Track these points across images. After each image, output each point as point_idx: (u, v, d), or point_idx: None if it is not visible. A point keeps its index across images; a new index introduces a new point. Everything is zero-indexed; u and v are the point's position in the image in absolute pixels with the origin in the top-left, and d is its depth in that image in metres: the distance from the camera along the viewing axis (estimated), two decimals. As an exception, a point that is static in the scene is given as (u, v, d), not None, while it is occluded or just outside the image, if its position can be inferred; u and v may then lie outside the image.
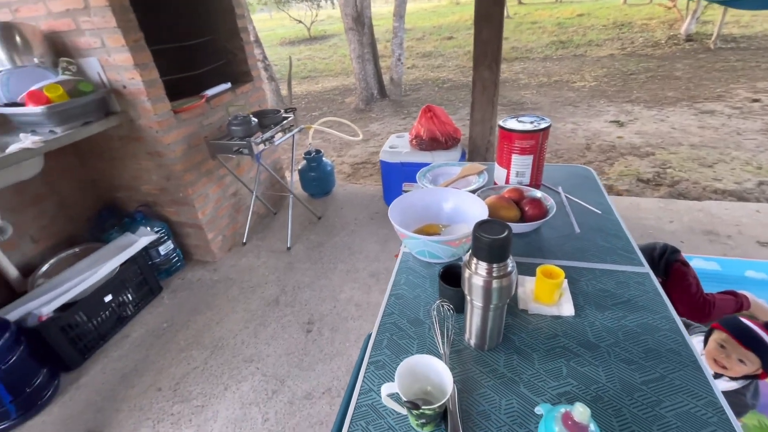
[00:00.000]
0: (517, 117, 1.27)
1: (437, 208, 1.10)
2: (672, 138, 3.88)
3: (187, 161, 2.05)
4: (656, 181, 3.13)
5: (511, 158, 1.24)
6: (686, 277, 1.51)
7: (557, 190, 1.30)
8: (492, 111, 2.37)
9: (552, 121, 4.80)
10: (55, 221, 2.09)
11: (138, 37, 1.73)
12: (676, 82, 5.75)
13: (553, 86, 6.26)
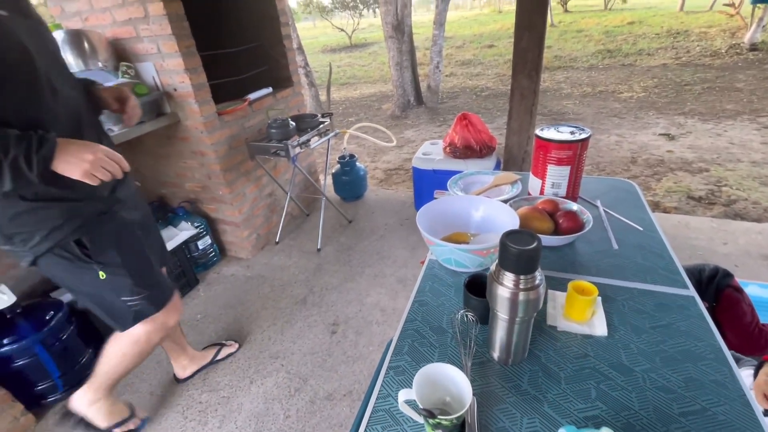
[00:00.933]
0: (556, 126, 1.23)
1: (467, 216, 1.08)
2: (730, 154, 3.60)
3: (228, 161, 2.15)
4: (709, 200, 2.92)
5: (547, 168, 1.20)
6: (739, 305, 1.38)
7: (595, 204, 1.24)
8: (530, 120, 2.31)
9: (595, 132, 4.62)
10: (107, 213, 2.24)
11: (190, 43, 1.84)
12: (736, 94, 5.34)
13: (598, 96, 6.01)
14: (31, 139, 0.77)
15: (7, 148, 0.74)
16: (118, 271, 1.03)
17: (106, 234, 1.01)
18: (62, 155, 0.80)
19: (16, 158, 0.75)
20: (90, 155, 0.82)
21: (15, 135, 0.76)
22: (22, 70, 0.80)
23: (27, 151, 0.76)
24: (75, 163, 0.81)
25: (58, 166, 0.81)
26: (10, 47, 0.77)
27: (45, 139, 0.79)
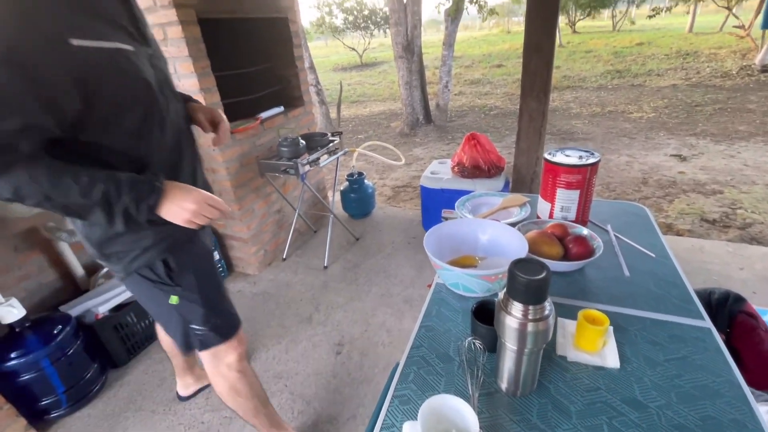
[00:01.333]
0: (564, 150, 1.23)
1: (475, 239, 1.07)
2: (744, 176, 3.54)
3: (238, 178, 2.18)
4: (724, 222, 2.86)
5: (556, 192, 1.20)
6: (755, 331, 1.32)
7: (606, 228, 1.23)
8: (539, 141, 2.31)
9: (605, 152, 4.60)
10: (119, 227, 2.28)
11: (205, 64, 1.90)
12: (749, 115, 5.30)
13: (607, 116, 6.01)
14: (142, 186, 0.78)
15: (119, 195, 0.75)
16: (192, 297, 1.03)
17: (189, 258, 1.02)
18: (166, 203, 0.81)
19: (127, 206, 0.77)
20: (192, 204, 0.83)
21: (126, 181, 0.77)
22: (142, 106, 0.81)
23: (137, 199, 0.77)
24: (177, 212, 0.83)
25: (162, 212, 0.82)
26: (135, 83, 0.78)
27: (153, 187, 0.80)
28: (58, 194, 0.71)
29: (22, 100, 0.64)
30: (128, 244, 0.92)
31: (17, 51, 0.62)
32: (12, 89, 0.63)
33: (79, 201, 0.73)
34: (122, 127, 0.79)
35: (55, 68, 0.65)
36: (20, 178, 0.68)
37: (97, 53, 0.69)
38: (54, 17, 0.65)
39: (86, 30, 0.68)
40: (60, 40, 0.64)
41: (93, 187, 0.73)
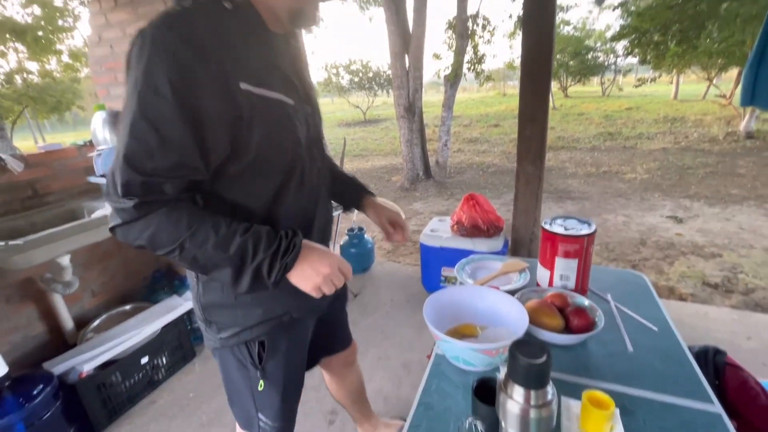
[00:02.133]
0: (561, 219, 1.26)
1: (475, 307, 1.06)
2: (741, 239, 3.57)
3: (240, 232, 2.20)
4: (726, 287, 2.83)
5: (555, 260, 1.21)
6: (747, 384, 1.23)
7: (606, 298, 1.22)
8: (536, 204, 2.36)
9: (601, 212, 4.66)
10: (115, 278, 2.26)
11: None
12: (739, 179, 5.46)
13: (602, 177, 6.19)
14: (281, 242, 0.70)
15: (256, 251, 0.68)
16: (272, 387, 0.94)
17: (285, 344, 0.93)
18: (301, 265, 0.72)
19: (261, 264, 0.69)
20: (326, 269, 0.73)
21: (266, 233, 0.70)
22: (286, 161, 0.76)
23: (272, 258, 0.69)
24: (309, 276, 0.72)
25: (293, 275, 0.72)
26: (285, 136, 0.74)
27: (292, 244, 0.71)
28: (194, 243, 0.65)
29: (181, 134, 0.61)
30: (234, 318, 0.84)
31: (186, 84, 0.60)
32: (175, 123, 0.60)
33: (212, 253, 0.66)
34: (260, 180, 0.74)
35: (216, 107, 0.63)
36: (160, 222, 0.64)
37: (259, 100, 0.67)
38: (228, 57, 0.63)
39: (254, 76, 0.66)
40: (228, 81, 0.63)
41: (231, 239, 0.67)
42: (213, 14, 0.64)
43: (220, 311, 0.85)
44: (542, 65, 2.10)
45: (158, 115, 0.60)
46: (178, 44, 0.59)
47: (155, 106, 0.59)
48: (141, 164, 0.61)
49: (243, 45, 0.67)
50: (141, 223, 0.64)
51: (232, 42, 0.65)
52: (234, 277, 0.69)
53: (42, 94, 12.91)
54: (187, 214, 0.66)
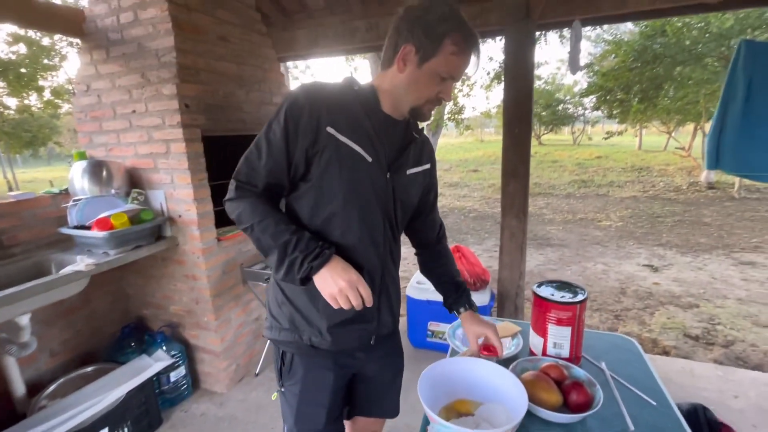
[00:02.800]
0: (552, 283, 1.26)
1: (471, 381, 1.01)
2: (714, 289, 3.68)
3: (219, 286, 2.11)
4: (707, 339, 2.87)
5: (548, 327, 1.19)
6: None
7: (600, 367, 1.19)
8: (521, 257, 2.39)
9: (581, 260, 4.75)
10: (79, 335, 2.09)
11: (202, 177, 1.98)
12: (706, 228, 5.74)
13: (579, 223, 6.39)
14: (315, 249, 0.87)
15: (295, 249, 0.86)
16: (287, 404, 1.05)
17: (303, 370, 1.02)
18: (324, 270, 0.87)
19: (294, 259, 0.86)
20: (343, 282, 0.85)
21: (304, 240, 0.87)
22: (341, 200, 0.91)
23: (304, 258, 0.86)
24: (328, 284, 0.86)
25: (317, 278, 0.88)
26: (355, 181, 0.90)
27: (323, 253, 0.87)
28: (259, 228, 0.88)
29: (280, 148, 0.87)
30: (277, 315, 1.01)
31: (293, 118, 0.86)
32: (279, 136, 0.86)
33: (268, 240, 0.88)
34: (318, 204, 0.91)
35: (305, 138, 0.86)
36: (246, 206, 0.89)
37: (337, 143, 0.88)
38: (327, 111, 0.87)
39: (341, 128, 0.88)
40: (320, 124, 0.86)
41: (282, 233, 0.87)
42: (339, 88, 0.92)
43: (273, 305, 1.03)
44: (522, 125, 2.21)
45: (273, 134, 0.87)
46: (302, 96, 0.87)
47: (273, 127, 0.88)
48: (252, 161, 0.90)
49: (347, 110, 0.90)
50: (236, 202, 0.90)
51: (339, 106, 0.89)
52: (277, 263, 0.88)
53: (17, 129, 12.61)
54: (263, 205, 0.89)
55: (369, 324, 1.02)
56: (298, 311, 0.98)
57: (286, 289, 1.00)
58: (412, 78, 0.89)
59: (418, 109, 0.94)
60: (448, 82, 0.91)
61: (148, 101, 1.89)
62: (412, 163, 1.02)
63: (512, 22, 2.11)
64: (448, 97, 0.94)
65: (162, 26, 1.84)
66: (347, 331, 0.99)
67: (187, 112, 1.86)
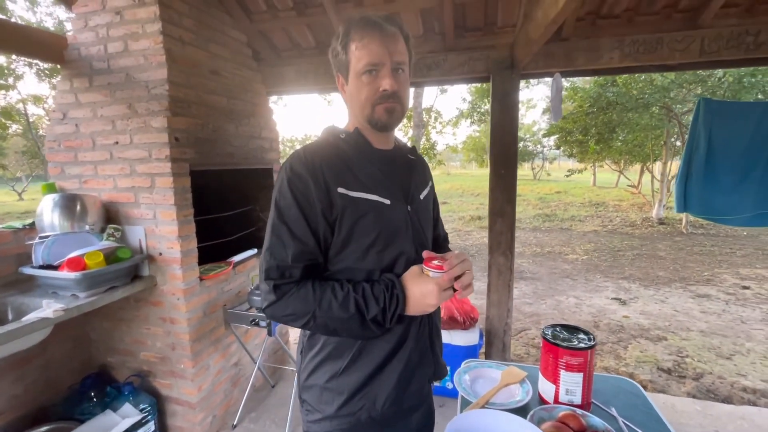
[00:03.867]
0: (558, 327, 1.27)
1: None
2: (678, 321, 3.89)
3: (199, 330, 1.96)
4: (678, 372, 2.98)
5: (559, 374, 1.18)
6: None
7: (611, 413, 1.19)
8: (508, 294, 2.42)
9: (553, 293, 4.88)
10: (31, 389, 1.84)
11: (188, 212, 1.88)
12: (662, 261, 6.14)
13: (548, 257, 6.63)
14: (384, 297, 0.84)
15: (368, 307, 0.83)
16: None
17: None
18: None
19: (376, 316, 0.83)
20: (433, 300, 0.84)
21: (370, 293, 0.84)
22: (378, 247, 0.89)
23: (383, 312, 0.83)
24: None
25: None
26: (383, 228, 0.89)
27: (395, 296, 0.84)
28: (322, 311, 0.82)
29: (303, 227, 0.83)
30: (319, 402, 0.93)
31: (302, 192, 0.83)
32: (295, 216, 0.83)
33: (337, 315, 0.82)
34: (356, 258, 0.88)
35: (321, 205, 0.83)
36: (294, 300, 0.83)
37: (354, 200, 0.86)
38: (331, 171, 0.85)
39: (351, 184, 0.86)
40: (329, 187, 0.84)
41: (348, 300, 0.82)
42: (330, 143, 0.91)
43: (311, 392, 0.94)
44: (508, 166, 2.31)
45: (286, 214, 0.83)
46: (298, 167, 0.84)
47: (284, 207, 0.84)
48: (277, 253, 0.83)
49: (346, 163, 0.89)
50: (281, 304, 0.84)
51: (338, 162, 0.88)
52: (360, 329, 0.84)
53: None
54: (312, 289, 0.84)
55: (428, 368, 0.99)
56: (354, 392, 0.91)
57: (336, 375, 0.91)
58: (350, 93, 0.91)
59: (371, 115, 0.89)
60: (376, 73, 0.86)
61: (133, 133, 1.80)
62: (421, 187, 1.03)
63: (498, 72, 2.25)
64: (388, 84, 0.86)
65: (155, 58, 1.79)
66: (410, 385, 0.95)
67: (177, 146, 1.79)
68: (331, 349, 0.91)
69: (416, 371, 0.96)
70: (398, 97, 0.88)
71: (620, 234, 8.33)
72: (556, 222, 9.82)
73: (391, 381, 0.92)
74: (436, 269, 0.84)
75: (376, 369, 0.90)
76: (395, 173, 0.96)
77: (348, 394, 0.90)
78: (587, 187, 17.11)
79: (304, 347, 0.96)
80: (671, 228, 8.62)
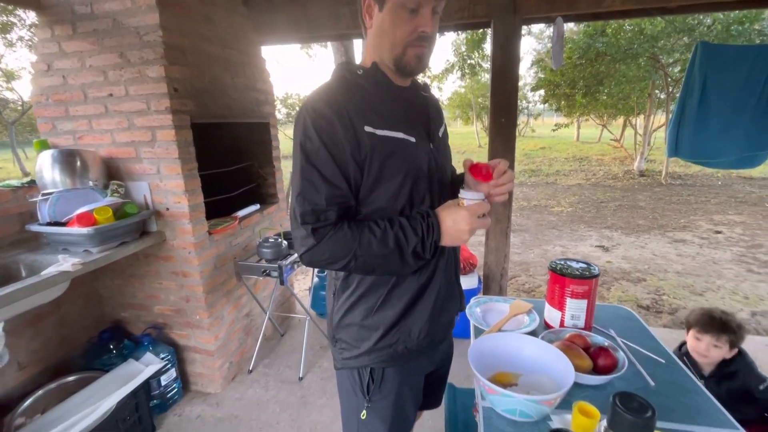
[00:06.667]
0: (564, 260, 1.37)
1: (509, 354, 1.08)
2: (657, 264, 4.15)
3: (211, 282, 2.00)
4: (656, 308, 3.24)
5: (565, 301, 1.29)
6: None
7: (611, 334, 1.32)
8: (505, 241, 2.52)
9: (541, 243, 5.07)
10: (48, 344, 1.89)
11: (193, 166, 1.85)
12: (642, 211, 6.41)
13: (534, 210, 6.83)
14: (422, 227, 0.85)
15: (407, 239, 0.83)
16: (379, 419, 0.99)
17: (399, 378, 0.99)
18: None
19: (416, 247, 0.84)
20: (467, 226, 0.85)
21: (408, 225, 0.84)
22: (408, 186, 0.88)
23: (422, 241, 0.84)
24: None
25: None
26: (408, 165, 0.87)
27: (431, 225, 0.85)
28: (363, 250, 0.82)
29: (333, 170, 0.80)
30: (355, 339, 0.96)
31: (328, 133, 0.79)
32: (325, 158, 0.80)
33: (377, 255, 0.83)
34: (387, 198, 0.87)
35: (349, 146, 0.80)
36: (334, 242, 0.82)
37: (380, 139, 0.83)
38: (356, 110, 0.82)
39: (376, 121, 0.83)
40: (355, 126, 0.81)
41: (386, 235, 0.83)
42: (348, 81, 0.87)
43: (347, 329, 0.96)
44: (509, 114, 2.32)
45: (315, 157, 0.80)
46: (321, 107, 0.80)
47: (312, 150, 0.80)
48: (311, 197, 0.81)
49: (369, 101, 0.85)
50: (320, 247, 0.82)
51: (361, 100, 0.84)
52: (400, 264, 0.85)
53: None
54: (350, 229, 0.83)
55: (455, 301, 1.05)
56: (390, 326, 0.94)
57: (371, 311, 0.94)
58: (381, 25, 0.84)
59: (400, 57, 0.85)
60: (416, 12, 0.81)
61: (128, 84, 1.73)
62: (438, 125, 1.01)
63: (500, 16, 2.20)
64: (428, 26, 0.82)
65: (142, 1, 1.68)
66: (441, 317, 1.00)
67: (176, 97, 1.73)
68: (364, 290, 0.93)
69: (445, 304, 1.01)
70: (431, 42, 0.86)
71: (603, 186, 8.58)
72: (542, 177, 10.00)
73: (425, 314, 0.96)
74: (472, 195, 0.87)
75: (409, 304, 0.94)
76: (415, 111, 0.94)
77: (384, 330, 0.93)
78: (571, 143, 17.28)
79: (337, 289, 0.97)
80: (651, 180, 8.92)
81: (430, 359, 1.08)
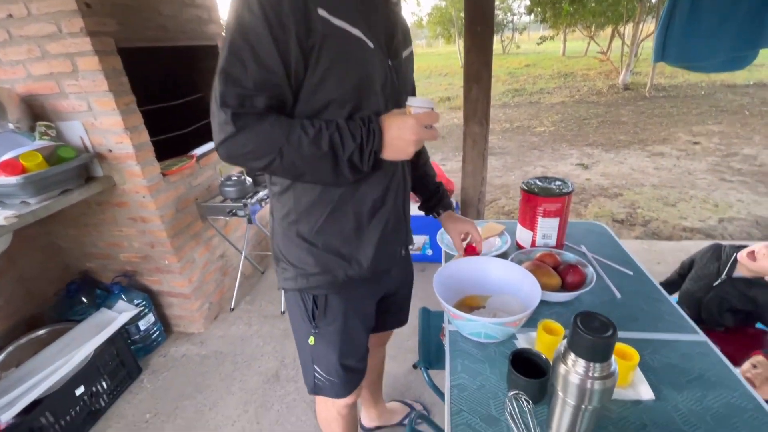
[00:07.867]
0: (536, 180, 1.30)
1: (477, 278, 1.05)
2: (634, 179, 4.18)
3: (175, 226, 1.90)
4: (630, 221, 3.32)
5: (537, 221, 1.25)
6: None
7: (581, 250, 1.31)
8: (482, 164, 2.44)
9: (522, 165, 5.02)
10: (12, 300, 1.82)
11: (129, 100, 1.64)
12: (624, 126, 6.33)
13: (516, 131, 6.68)
14: (361, 131, 0.74)
15: (343, 143, 0.73)
16: (326, 344, 0.98)
17: (342, 306, 0.95)
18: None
19: (352, 153, 0.74)
20: (413, 135, 0.75)
21: (346, 128, 0.73)
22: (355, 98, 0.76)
23: (360, 147, 0.74)
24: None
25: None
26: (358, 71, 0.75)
27: (372, 130, 0.74)
28: (291, 148, 0.71)
29: (269, 50, 0.66)
30: (297, 259, 0.89)
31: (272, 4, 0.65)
32: (262, 33, 0.65)
33: (308, 152, 0.72)
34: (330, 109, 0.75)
35: (295, 28, 0.67)
36: (258, 132, 0.70)
37: (334, 30, 0.70)
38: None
39: (338, 10, 0.70)
40: (307, 5, 0.67)
41: (320, 136, 0.71)
42: None
43: (289, 249, 0.90)
44: (486, 23, 2.09)
45: (251, 32, 0.65)
46: None
47: (249, 23, 0.65)
48: (236, 76, 0.67)
49: None
50: (242, 136, 0.69)
51: None
52: (333, 171, 0.75)
53: None
54: (278, 122, 0.71)
55: (401, 234, 0.98)
56: (330, 250, 0.88)
57: (311, 233, 0.87)
58: None
59: None
60: None
61: (27, 1, 1.43)
62: (403, 44, 0.87)
63: None
64: None
65: None
66: (387, 248, 0.94)
67: (91, 14, 1.45)
68: (303, 209, 0.84)
69: (392, 236, 0.94)
70: None
71: (587, 103, 8.37)
72: (525, 96, 9.66)
73: (370, 244, 0.89)
74: (421, 103, 0.76)
75: (354, 230, 0.87)
76: (381, 16, 0.79)
77: (323, 254, 0.87)
78: (557, 58, 16.50)
79: (275, 207, 0.90)
80: (635, 93, 8.70)
81: (381, 285, 1.04)
